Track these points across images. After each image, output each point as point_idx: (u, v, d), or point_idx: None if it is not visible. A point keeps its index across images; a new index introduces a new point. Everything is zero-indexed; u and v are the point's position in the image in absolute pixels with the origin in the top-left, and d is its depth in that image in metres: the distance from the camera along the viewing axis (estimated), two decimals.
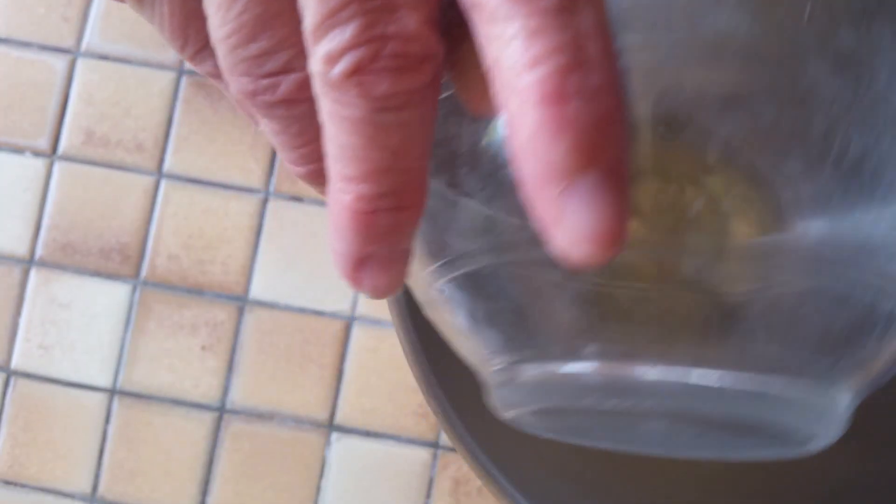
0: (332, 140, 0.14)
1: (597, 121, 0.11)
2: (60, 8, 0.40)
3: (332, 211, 0.14)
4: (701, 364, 0.15)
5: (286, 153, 0.16)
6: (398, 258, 0.15)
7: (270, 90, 0.14)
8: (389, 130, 0.13)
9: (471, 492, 0.37)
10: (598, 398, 0.16)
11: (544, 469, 0.33)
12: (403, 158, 0.13)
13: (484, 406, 0.33)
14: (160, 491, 0.37)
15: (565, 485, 0.33)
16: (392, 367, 0.38)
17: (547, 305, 0.17)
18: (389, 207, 0.14)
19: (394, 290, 0.15)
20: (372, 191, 0.14)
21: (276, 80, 0.14)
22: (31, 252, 0.39)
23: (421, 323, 0.34)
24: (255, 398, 0.38)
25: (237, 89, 0.15)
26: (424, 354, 0.34)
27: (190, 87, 0.39)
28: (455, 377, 0.33)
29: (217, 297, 0.38)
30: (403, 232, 0.14)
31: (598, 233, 0.11)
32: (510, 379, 0.18)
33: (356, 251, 0.14)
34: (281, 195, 0.39)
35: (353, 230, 0.14)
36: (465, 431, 0.33)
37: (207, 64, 0.17)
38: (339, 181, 0.14)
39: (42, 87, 0.39)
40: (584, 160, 0.11)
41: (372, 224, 0.14)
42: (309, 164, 0.16)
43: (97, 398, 0.38)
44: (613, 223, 0.11)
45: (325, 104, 0.13)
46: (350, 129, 0.13)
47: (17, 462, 0.38)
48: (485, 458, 0.33)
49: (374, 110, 0.13)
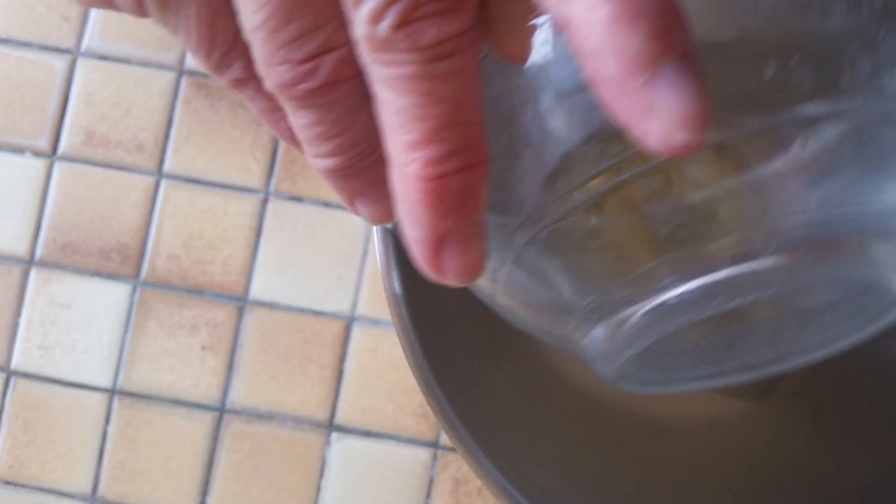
0: (389, 109, 0.14)
1: (664, 5, 0.11)
2: (61, 8, 0.39)
3: (402, 193, 0.14)
4: (792, 220, 0.15)
5: (319, 146, 0.16)
6: (475, 234, 0.15)
7: (311, 75, 0.14)
8: (445, 80, 0.13)
9: (471, 492, 0.37)
10: (716, 303, 0.16)
11: (544, 469, 0.33)
12: (462, 110, 0.13)
13: (484, 406, 0.33)
14: (160, 491, 0.37)
15: (565, 484, 0.33)
16: (392, 368, 0.38)
17: (638, 230, 0.17)
18: (458, 168, 0.14)
19: (477, 272, 0.15)
20: (438, 151, 0.13)
21: (316, 62, 0.14)
22: (31, 252, 0.39)
23: (421, 323, 0.34)
24: (255, 398, 0.38)
25: (275, 82, 0.14)
26: (424, 354, 0.34)
27: (190, 87, 0.39)
28: (455, 377, 0.33)
29: (217, 297, 0.38)
30: (476, 196, 0.14)
31: (691, 114, 0.11)
32: (614, 326, 0.17)
33: (434, 230, 0.14)
34: (281, 195, 0.39)
35: (426, 204, 0.14)
36: (464, 431, 0.33)
37: (234, 69, 0.16)
38: (404, 153, 0.14)
39: (42, 87, 0.39)
40: (664, 44, 0.11)
41: (444, 191, 0.14)
42: (343, 155, 0.16)
43: (97, 398, 0.38)
44: (702, 103, 0.11)
45: (377, 70, 0.13)
46: (406, 88, 0.13)
47: (18, 462, 0.38)
48: (484, 459, 0.33)
49: (427, 61, 0.13)
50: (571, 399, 0.35)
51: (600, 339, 0.18)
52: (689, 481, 0.34)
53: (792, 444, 0.35)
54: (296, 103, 0.15)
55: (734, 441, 0.36)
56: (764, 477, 0.34)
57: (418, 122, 0.13)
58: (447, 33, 0.13)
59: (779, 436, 0.36)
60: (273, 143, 0.39)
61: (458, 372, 0.33)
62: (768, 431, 0.36)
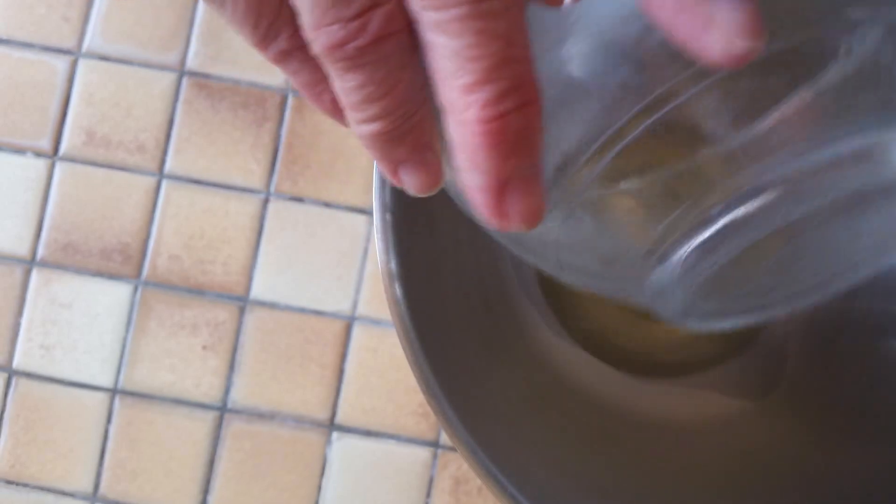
0: (442, 54, 0.14)
1: None
2: (61, 9, 0.40)
3: (461, 141, 0.14)
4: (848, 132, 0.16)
5: (365, 110, 0.16)
6: (535, 176, 0.15)
7: (361, 31, 0.14)
8: (496, 18, 0.13)
9: (471, 491, 0.37)
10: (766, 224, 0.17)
11: (543, 468, 0.33)
12: (515, 46, 0.14)
13: (483, 406, 0.33)
14: (161, 490, 0.38)
15: (564, 483, 0.33)
16: (392, 367, 0.38)
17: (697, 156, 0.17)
18: (516, 105, 0.14)
19: (539, 216, 0.15)
20: (496, 91, 0.14)
21: (366, 18, 0.14)
22: (32, 252, 0.39)
23: (421, 323, 0.34)
24: (256, 398, 0.38)
25: (325, 43, 0.15)
26: (424, 354, 0.34)
27: (191, 88, 0.39)
28: (455, 377, 0.33)
29: (218, 297, 0.38)
30: (534, 135, 0.15)
31: (749, 24, 0.13)
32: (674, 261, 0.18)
33: (496, 174, 0.15)
34: (281, 195, 0.39)
35: (487, 147, 0.14)
36: (464, 431, 0.34)
37: (280, 40, 0.16)
38: (461, 98, 0.14)
39: (43, 88, 0.39)
40: None
41: (505, 131, 0.14)
42: (389, 117, 0.16)
43: (98, 398, 0.38)
44: (757, 13, 0.13)
45: (429, 16, 0.14)
46: (460, 29, 0.13)
47: (19, 461, 0.38)
48: (484, 458, 0.33)
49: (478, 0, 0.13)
50: (571, 398, 0.35)
51: (662, 276, 0.18)
52: (689, 480, 0.34)
53: (791, 443, 0.35)
54: (344, 64, 0.15)
55: (734, 440, 0.36)
56: (763, 476, 0.34)
57: (474, 62, 0.14)
58: None
59: (778, 435, 0.36)
60: (274, 144, 0.39)
61: (457, 372, 0.33)
62: (768, 431, 0.36)
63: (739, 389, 0.37)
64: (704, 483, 0.34)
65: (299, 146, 0.39)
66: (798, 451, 0.35)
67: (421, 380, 0.32)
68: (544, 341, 0.37)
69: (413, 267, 0.34)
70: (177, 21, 0.39)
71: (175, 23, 0.39)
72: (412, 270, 0.34)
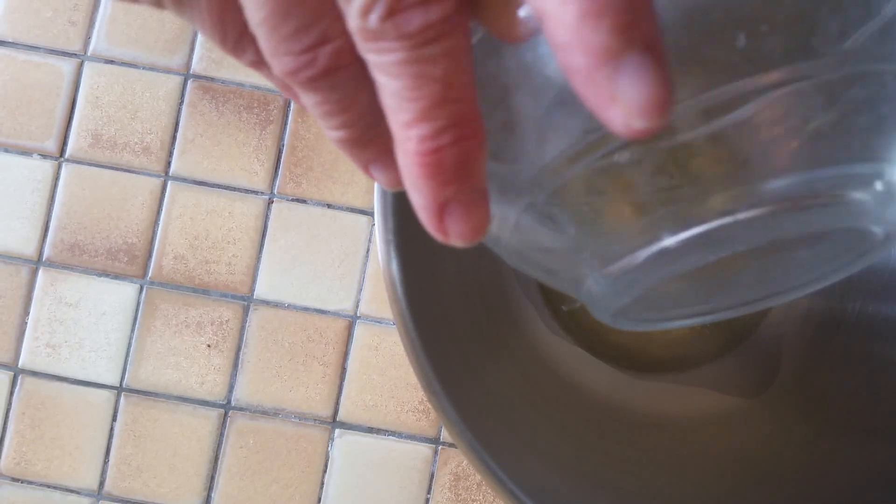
0: (385, 92, 0.15)
1: (629, 2, 0.12)
2: (67, 12, 0.40)
3: (404, 167, 0.15)
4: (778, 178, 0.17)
5: (328, 122, 0.17)
6: (476, 200, 0.16)
7: (310, 64, 0.15)
8: (432, 63, 0.14)
9: (471, 486, 0.37)
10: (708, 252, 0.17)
11: (542, 464, 0.33)
12: (452, 89, 0.15)
13: (483, 403, 0.34)
14: (166, 486, 0.38)
15: (563, 479, 0.33)
16: (393, 365, 0.38)
17: (636, 188, 0.18)
18: (452, 140, 0.15)
19: (479, 234, 0.16)
20: (431, 128, 0.15)
21: (313, 53, 0.15)
22: (38, 252, 0.39)
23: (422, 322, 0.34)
24: (260, 395, 0.38)
25: (280, 70, 0.16)
26: (425, 352, 0.35)
27: (195, 90, 0.39)
28: (455, 375, 0.33)
29: (222, 296, 0.38)
30: (472, 166, 0.15)
31: (649, 103, 0.13)
32: (616, 272, 0.19)
33: (434, 198, 0.15)
34: (285, 197, 0.39)
35: (425, 176, 0.15)
36: (464, 427, 0.34)
37: (249, 52, 0.18)
38: (402, 131, 0.15)
39: (49, 91, 0.39)
40: (627, 38, 0.12)
41: (439, 163, 0.15)
42: (351, 127, 0.17)
43: (104, 396, 0.38)
44: (661, 91, 0.13)
45: (371, 58, 0.14)
46: (398, 73, 0.14)
47: (25, 459, 0.38)
48: (484, 454, 0.34)
49: (414, 47, 0.14)
50: (568, 395, 0.36)
51: (602, 283, 0.19)
52: (683, 475, 0.34)
53: (788, 439, 0.35)
54: (302, 87, 0.16)
55: (731, 437, 0.36)
56: (760, 472, 0.34)
57: (411, 102, 0.14)
58: (431, 20, 0.14)
59: (775, 431, 0.36)
60: (277, 146, 0.39)
61: (457, 369, 0.34)
62: (764, 427, 0.36)
63: (734, 387, 0.37)
64: (698, 478, 0.34)
65: (302, 148, 0.39)
66: (794, 447, 0.35)
67: (422, 377, 0.32)
68: (542, 339, 0.37)
69: (414, 267, 0.35)
70: (181, 25, 0.39)
71: (179, 26, 0.39)
72: (413, 270, 0.35)
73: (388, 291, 0.33)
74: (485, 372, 0.34)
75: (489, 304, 0.35)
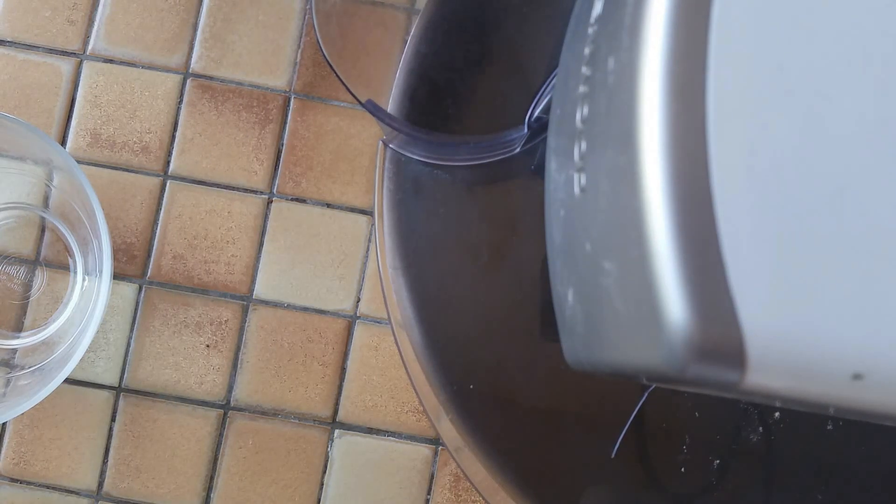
0: None
1: None
2: (66, 11, 0.40)
3: None
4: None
5: None
6: None
7: None
8: None
9: (471, 487, 0.37)
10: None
11: (542, 463, 0.33)
12: None
13: (483, 403, 0.34)
14: (165, 487, 0.38)
15: (563, 479, 0.33)
16: (393, 365, 0.38)
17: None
18: None
19: None
20: None
21: None
22: (37, 253, 0.39)
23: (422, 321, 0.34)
24: (259, 395, 0.38)
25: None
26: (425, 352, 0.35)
27: (195, 89, 0.39)
28: (455, 374, 0.33)
29: (221, 296, 0.38)
30: None
31: None
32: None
33: None
34: (284, 196, 0.39)
35: None
36: (464, 427, 0.34)
37: None
38: None
39: (48, 90, 0.39)
40: None
41: None
42: None
43: (103, 396, 0.38)
44: None
45: None
46: None
47: (23, 459, 0.38)
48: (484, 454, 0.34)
49: None
50: (571, 395, 0.36)
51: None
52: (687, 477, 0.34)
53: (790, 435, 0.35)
54: None
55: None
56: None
57: None
58: None
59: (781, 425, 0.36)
60: (276, 146, 0.39)
61: (457, 369, 0.34)
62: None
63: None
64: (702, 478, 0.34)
65: (302, 148, 0.39)
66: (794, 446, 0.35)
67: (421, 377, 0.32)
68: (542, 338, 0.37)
69: (413, 266, 0.34)
70: (180, 24, 0.39)
71: (179, 25, 0.39)
72: (413, 270, 0.34)
73: (387, 291, 0.33)
74: (485, 371, 0.34)
75: (489, 303, 0.35)
